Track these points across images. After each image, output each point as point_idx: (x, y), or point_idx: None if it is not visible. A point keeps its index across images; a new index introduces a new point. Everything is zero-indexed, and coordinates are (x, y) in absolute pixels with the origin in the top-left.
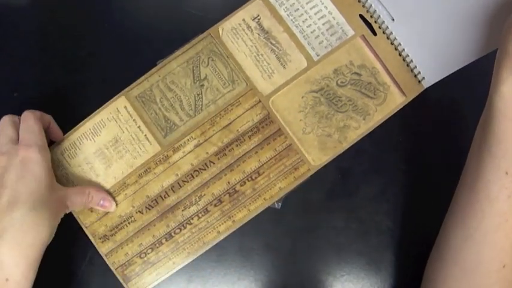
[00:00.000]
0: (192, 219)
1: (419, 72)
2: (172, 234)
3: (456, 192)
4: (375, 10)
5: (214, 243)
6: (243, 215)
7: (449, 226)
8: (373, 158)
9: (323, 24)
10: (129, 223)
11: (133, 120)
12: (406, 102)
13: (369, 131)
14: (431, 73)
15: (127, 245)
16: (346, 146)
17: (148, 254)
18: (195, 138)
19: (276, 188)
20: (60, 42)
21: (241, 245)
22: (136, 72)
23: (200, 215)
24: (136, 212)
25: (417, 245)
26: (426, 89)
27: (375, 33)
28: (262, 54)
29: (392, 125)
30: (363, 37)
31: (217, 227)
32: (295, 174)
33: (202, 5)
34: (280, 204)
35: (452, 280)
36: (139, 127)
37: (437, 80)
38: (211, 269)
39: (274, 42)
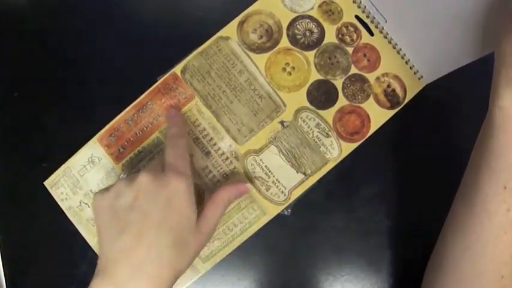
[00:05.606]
0: None
1: (417, 71)
2: None
3: (454, 204)
4: (370, 12)
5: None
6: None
7: (448, 237)
8: (373, 158)
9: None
10: None
11: None
12: (407, 101)
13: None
14: (428, 72)
15: None
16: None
17: None
18: None
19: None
20: (60, 42)
21: (241, 245)
22: (136, 72)
23: None
24: None
25: (417, 245)
26: (426, 90)
27: (371, 34)
28: None
29: (392, 125)
30: None
31: None
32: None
33: (202, 5)
34: (289, 211)
35: None
36: None
37: (434, 79)
38: (211, 269)
39: None
